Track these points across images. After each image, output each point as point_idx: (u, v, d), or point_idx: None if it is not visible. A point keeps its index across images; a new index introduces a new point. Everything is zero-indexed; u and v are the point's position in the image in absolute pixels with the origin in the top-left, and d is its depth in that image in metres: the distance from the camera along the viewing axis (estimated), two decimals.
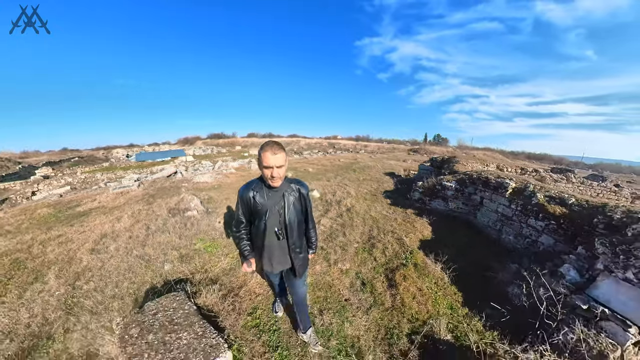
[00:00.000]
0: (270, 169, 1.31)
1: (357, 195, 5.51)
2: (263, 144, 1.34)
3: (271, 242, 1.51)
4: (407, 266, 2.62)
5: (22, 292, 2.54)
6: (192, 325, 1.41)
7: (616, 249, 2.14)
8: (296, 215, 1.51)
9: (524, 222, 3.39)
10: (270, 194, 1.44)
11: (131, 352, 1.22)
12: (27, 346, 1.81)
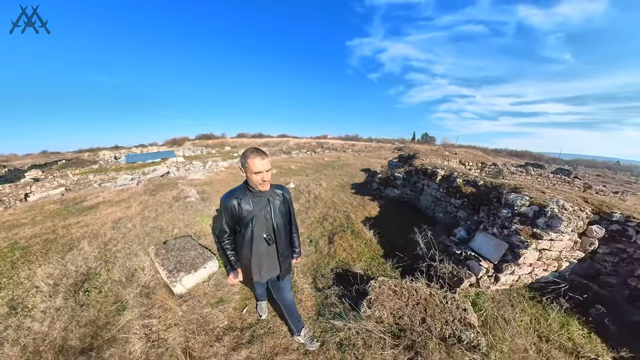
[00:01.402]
0: (260, 173, 1.33)
1: (327, 187, 6.63)
2: (246, 151, 1.36)
3: (259, 250, 1.51)
4: (345, 232, 3.73)
5: (62, 256, 3.49)
6: (196, 249, 2.45)
7: (490, 214, 3.31)
8: (282, 219, 1.54)
9: (448, 201, 4.54)
10: (255, 199, 1.44)
11: (161, 259, 2.24)
12: (80, 280, 2.80)
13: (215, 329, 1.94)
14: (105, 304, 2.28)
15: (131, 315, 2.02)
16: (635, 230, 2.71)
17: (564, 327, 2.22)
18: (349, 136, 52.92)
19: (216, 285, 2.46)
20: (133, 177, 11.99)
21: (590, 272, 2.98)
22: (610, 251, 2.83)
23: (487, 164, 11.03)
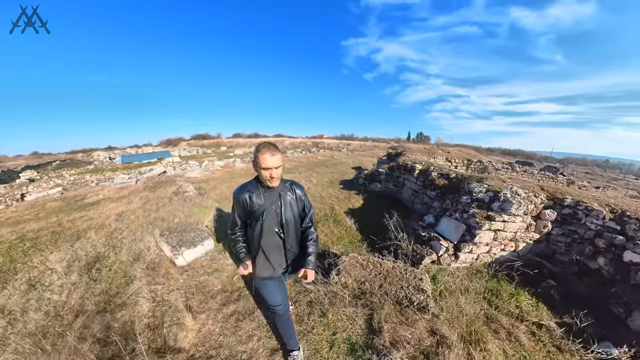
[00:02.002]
0: (269, 170, 1.34)
1: (317, 182, 7.03)
2: (259, 145, 1.37)
3: (268, 243, 1.53)
4: (328, 220, 4.12)
5: (72, 244, 3.81)
6: (195, 231, 2.83)
7: (454, 201, 3.73)
8: (292, 214, 1.54)
9: (425, 193, 4.97)
10: (267, 194, 1.47)
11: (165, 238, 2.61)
12: (91, 261, 3.15)
13: (210, 292, 2.33)
14: (116, 278, 2.63)
15: (139, 284, 2.39)
16: (585, 213, 3.14)
17: (514, 297, 2.62)
18: (344, 136, 53.47)
19: (212, 259, 2.85)
20: (130, 176, 12.23)
21: (547, 251, 3.41)
22: (563, 232, 3.26)
23: (473, 161, 11.54)
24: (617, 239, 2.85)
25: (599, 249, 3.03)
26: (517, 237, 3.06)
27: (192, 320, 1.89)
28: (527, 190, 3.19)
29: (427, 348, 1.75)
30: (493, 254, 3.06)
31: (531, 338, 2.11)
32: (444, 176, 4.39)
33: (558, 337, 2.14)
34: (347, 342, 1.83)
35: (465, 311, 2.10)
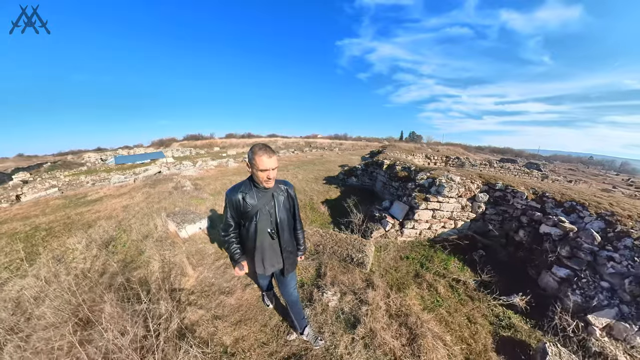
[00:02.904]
0: (266, 171, 1.36)
1: (302, 178, 7.79)
2: (254, 147, 1.37)
3: (263, 243, 1.55)
4: (306, 207, 4.88)
5: (85, 230, 4.46)
6: (194, 214, 3.59)
7: (403, 188, 4.52)
8: (286, 214, 1.58)
9: (391, 184, 5.75)
10: (260, 194, 1.48)
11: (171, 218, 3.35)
12: (106, 241, 3.82)
13: (206, 254, 3.06)
14: (130, 251, 3.32)
15: (151, 251, 3.09)
16: (512, 195, 3.94)
17: (444, 262, 3.35)
18: (338, 135, 54.37)
19: (207, 234, 3.55)
20: (126, 176, 12.74)
21: (483, 228, 4.22)
22: (496, 212, 4.06)
23: (452, 158, 12.47)
24: (536, 215, 3.65)
25: (522, 224, 3.83)
26: (454, 216, 3.86)
27: (192, 271, 2.61)
28: (464, 178, 3.99)
29: (358, 289, 2.50)
30: (435, 230, 3.85)
31: (448, 289, 2.79)
32: (406, 169, 5.19)
33: (472, 289, 2.81)
34: (299, 282, 2.58)
35: (398, 269, 2.85)
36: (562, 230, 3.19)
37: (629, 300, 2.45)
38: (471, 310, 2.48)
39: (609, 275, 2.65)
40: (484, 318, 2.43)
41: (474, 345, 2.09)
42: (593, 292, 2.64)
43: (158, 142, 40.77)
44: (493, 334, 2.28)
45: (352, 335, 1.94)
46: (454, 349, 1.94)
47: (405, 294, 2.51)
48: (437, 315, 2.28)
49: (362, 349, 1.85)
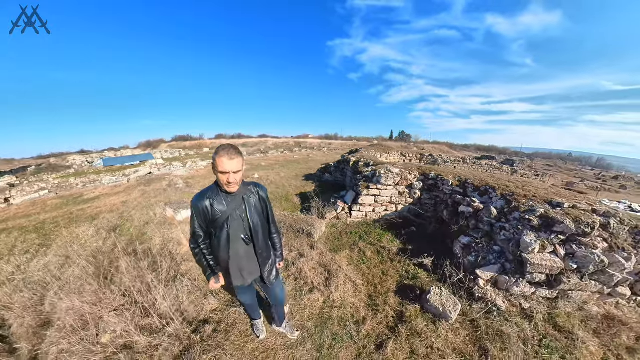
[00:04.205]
0: (226, 174, 1.29)
1: (284, 176, 8.78)
2: (218, 147, 1.30)
3: (237, 252, 1.49)
4: (281, 199, 5.89)
5: (91, 222, 5.31)
6: (187, 203, 4.49)
7: (356, 180, 5.57)
8: (259, 218, 1.52)
9: (355, 178, 6.81)
10: (229, 199, 1.41)
11: (168, 207, 4.28)
12: (112, 228, 4.70)
13: None
14: (134, 233, 4.22)
15: (152, 232, 4.01)
16: (441, 183, 5.01)
17: (379, 236, 4.27)
18: (329, 135, 55.38)
19: None
20: (117, 178, 13.37)
21: (420, 211, 5.32)
22: (430, 197, 5.14)
23: (425, 155, 13.71)
24: (458, 198, 4.73)
25: (448, 206, 4.92)
26: (394, 201, 4.94)
27: (185, 242, 3.53)
28: (403, 170, 5.08)
29: (302, 249, 3.44)
30: (378, 213, 4.92)
31: (375, 253, 3.68)
32: (366, 165, 6.26)
33: (393, 253, 3.71)
34: None
35: (340, 239, 3.87)
36: (472, 208, 4.08)
37: (512, 259, 3.00)
38: (388, 267, 3.30)
39: (500, 241, 3.28)
40: (396, 272, 3.20)
41: (379, 288, 2.87)
42: (486, 254, 3.29)
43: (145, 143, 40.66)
44: (398, 283, 2.99)
45: (288, 273, 2.94)
46: (361, 288, 2.85)
47: (338, 254, 3.50)
48: (358, 268, 3.23)
49: (293, 281, 2.84)
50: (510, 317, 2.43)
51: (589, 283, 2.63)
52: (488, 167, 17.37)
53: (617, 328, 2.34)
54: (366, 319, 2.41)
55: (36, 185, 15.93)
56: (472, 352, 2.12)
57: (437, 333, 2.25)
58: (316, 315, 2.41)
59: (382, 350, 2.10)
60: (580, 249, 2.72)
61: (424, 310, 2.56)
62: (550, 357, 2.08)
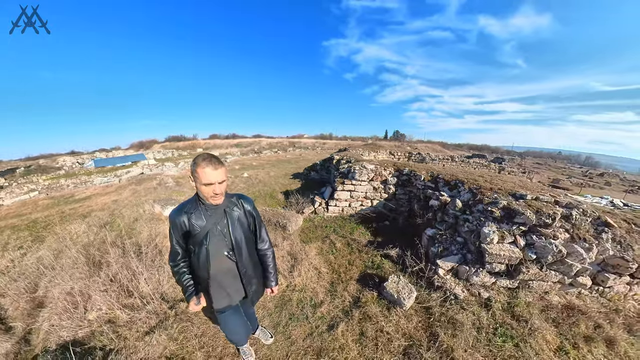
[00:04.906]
0: (211, 185, 1.21)
1: (273, 175, 9.10)
2: (197, 158, 1.22)
3: (219, 270, 1.40)
4: (267, 197, 6.21)
5: (82, 220, 5.55)
6: (174, 200, 4.78)
7: (335, 176, 5.92)
8: (243, 232, 1.42)
9: (334, 175, 7.19)
10: (209, 212, 1.33)
11: (157, 203, 4.57)
12: (104, 224, 4.97)
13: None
14: (124, 229, 4.50)
15: (141, 227, 4.29)
16: (415, 178, 5.37)
17: (352, 229, 4.59)
18: (323, 135, 55.74)
19: None
20: (108, 178, 13.52)
21: (395, 206, 5.68)
22: (404, 192, 5.51)
23: (413, 154, 14.14)
24: (428, 192, 5.10)
25: (420, 200, 5.30)
26: (369, 196, 5.30)
27: None
28: (378, 166, 5.44)
29: (276, 241, 3.75)
30: (354, 208, 5.27)
31: (345, 245, 3.90)
32: (348, 162, 6.63)
33: (362, 245, 3.95)
34: None
35: (314, 232, 4.21)
36: (440, 201, 4.31)
37: (473, 250, 3.06)
38: (355, 258, 3.49)
39: (464, 233, 3.37)
40: (362, 262, 3.37)
41: (343, 276, 3.06)
42: (448, 245, 3.42)
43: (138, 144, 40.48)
44: (362, 272, 3.13)
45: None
46: (324, 275, 3.10)
47: (309, 245, 3.80)
48: (325, 258, 3.50)
49: None
50: (468, 305, 2.46)
51: (548, 273, 2.65)
52: (476, 165, 17.90)
53: (576, 317, 2.35)
54: (324, 302, 2.62)
55: (25, 186, 15.98)
56: (422, 337, 2.18)
57: (389, 318, 2.36)
58: (277, 298, 2.67)
59: (332, 330, 2.26)
60: (540, 239, 2.73)
61: (380, 297, 2.68)
62: (503, 344, 2.10)
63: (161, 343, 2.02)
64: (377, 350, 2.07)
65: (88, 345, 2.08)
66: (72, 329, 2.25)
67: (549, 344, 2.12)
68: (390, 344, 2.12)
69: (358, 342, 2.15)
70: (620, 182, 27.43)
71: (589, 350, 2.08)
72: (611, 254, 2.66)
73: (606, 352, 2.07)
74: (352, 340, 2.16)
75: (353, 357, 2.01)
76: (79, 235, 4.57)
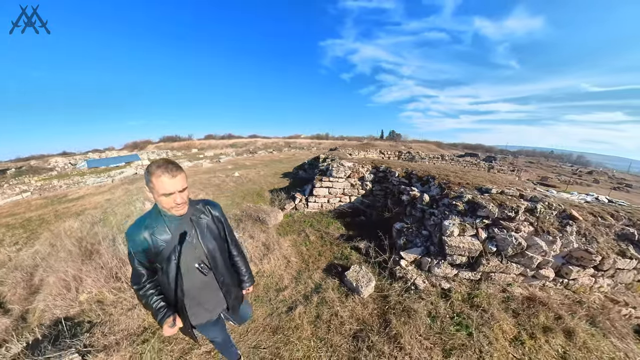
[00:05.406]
0: (172, 195, 1.09)
1: (263, 174, 9.42)
2: (150, 167, 1.07)
3: (193, 285, 1.28)
4: (254, 195, 6.53)
5: (76, 218, 5.82)
6: None
7: (315, 173, 6.27)
8: (215, 240, 1.33)
9: (317, 172, 7.54)
10: (173, 224, 1.20)
11: (149, 201, 4.85)
12: (97, 221, 5.25)
13: None
14: (117, 224, 4.79)
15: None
16: (390, 174, 5.70)
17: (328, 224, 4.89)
18: (320, 135, 56.06)
19: None
20: (101, 179, 13.70)
21: (372, 202, 6.02)
22: (381, 188, 5.85)
23: (403, 152, 14.55)
24: (402, 187, 5.44)
25: (394, 195, 5.65)
26: (347, 192, 5.64)
27: None
28: (356, 163, 5.78)
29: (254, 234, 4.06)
30: (333, 204, 5.61)
31: (318, 238, 4.18)
32: (328, 160, 6.99)
33: (335, 238, 4.22)
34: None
35: (291, 226, 4.55)
36: (410, 196, 4.56)
37: (436, 242, 3.13)
38: (326, 249, 3.72)
39: (430, 226, 3.50)
40: (331, 254, 3.57)
41: (311, 265, 3.27)
42: (414, 237, 3.56)
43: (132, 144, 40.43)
44: (330, 262, 3.32)
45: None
46: (293, 264, 3.28)
47: (284, 237, 4.10)
48: (298, 249, 3.78)
49: None
50: (428, 295, 2.53)
51: (510, 265, 2.68)
52: (466, 164, 18.38)
53: (536, 308, 2.39)
54: (288, 287, 2.83)
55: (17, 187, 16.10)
56: (374, 322, 2.29)
57: (345, 304, 2.50)
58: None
59: (291, 312, 2.43)
60: (502, 232, 2.76)
61: (342, 284, 2.84)
62: (456, 332, 2.14)
63: (141, 317, 2.35)
64: (329, 331, 2.22)
65: (78, 320, 2.39)
66: (65, 308, 2.56)
67: (506, 333, 2.15)
68: (342, 326, 2.26)
69: (313, 323, 2.31)
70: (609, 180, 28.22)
71: (546, 340, 2.09)
72: (575, 247, 2.69)
73: (564, 343, 2.09)
74: (308, 321, 2.32)
75: (306, 336, 2.17)
76: (73, 231, 4.85)
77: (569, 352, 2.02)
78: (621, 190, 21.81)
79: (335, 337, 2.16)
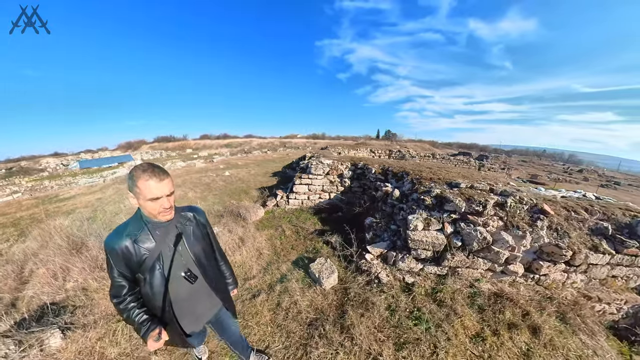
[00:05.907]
0: (159, 199, 1.06)
1: (254, 173, 9.68)
2: (135, 171, 1.03)
3: (179, 294, 1.24)
4: (241, 193, 6.80)
5: (67, 216, 6.02)
6: None
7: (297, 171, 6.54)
8: (201, 246, 1.31)
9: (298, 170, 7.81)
10: (157, 232, 1.15)
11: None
12: (88, 217, 5.46)
13: None
14: (106, 221, 5.00)
15: (120, 220, 4.81)
16: (368, 171, 5.98)
17: (307, 218, 5.15)
18: (316, 135, 56.30)
19: None
20: (94, 179, 13.82)
21: (350, 198, 6.29)
22: (359, 185, 6.11)
23: (394, 151, 14.89)
24: (378, 184, 5.70)
25: (371, 192, 5.93)
26: (326, 189, 5.91)
27: None
28: (335, 161, 6.06)
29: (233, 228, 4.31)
30: (313, 200, 5.88)
31: (294, 232, 4.24)
32: (310, 158, 7.27)
33: (309, 233, 4.43)
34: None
35: (270, 222, 4.81)
36: (383, 192, 4.61)
37: (404, 237, 3.10)
38: (299, 243, 3.95)
39: (399, 221, 3.56)
40: (303, 247, 3.80)
41: (281, 257, 3.49)
42: (381, 232, 3.64)
43: (125, 144, 40.30)
44: (300, 255, 3.50)
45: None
46: (264, 256, 3.49)
47: (261, 232, 4.33)
48: (272, 243, 3.97)
49: None
50: (389, 289, 2.54)
51: (476, 260, 2.64)
52: (457, 162, 18.82)
53: (502, 304, 2.35)
54: (255, 277, 3.00)
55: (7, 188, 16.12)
56: (331, 312, 2.36)
57: (306, 294, 2.60)
58: None
59: (254, 299, 2.60)
60: (469, 226, 2.72)
61: (307, 276, 2.97)
62: (414, 327, 2.14)
63: None
64: (287, 318, 2.33)
65: (63, 305, 2.64)
66: (52, 294, 2.80)
67: (467, 329, 2.11)
68: (299, 315, 2.36)
69: (272, 310, 2.44)
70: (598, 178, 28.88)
71: (510, 337, 2.06)
72: (546, 242, 2.65)
73: (529, 340, 2.04)
74: (268, 309, 2.45)
75: (264, 322, 2.31)
76: (63, 228, 5.05)
77: (533, 349, 1.97)
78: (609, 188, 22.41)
79: (291, 324, 2.26)
